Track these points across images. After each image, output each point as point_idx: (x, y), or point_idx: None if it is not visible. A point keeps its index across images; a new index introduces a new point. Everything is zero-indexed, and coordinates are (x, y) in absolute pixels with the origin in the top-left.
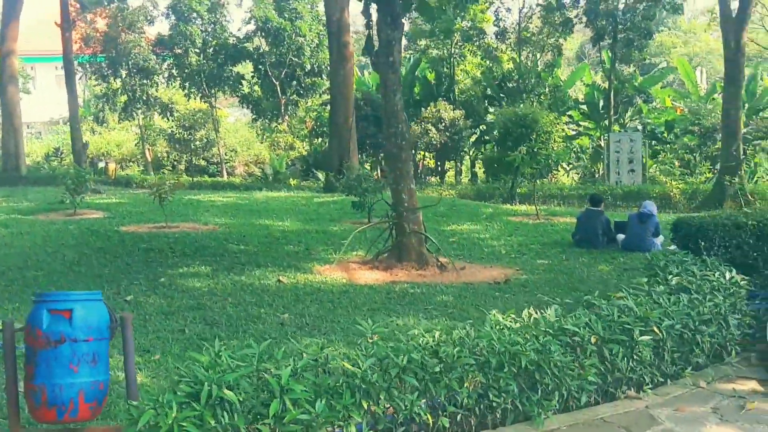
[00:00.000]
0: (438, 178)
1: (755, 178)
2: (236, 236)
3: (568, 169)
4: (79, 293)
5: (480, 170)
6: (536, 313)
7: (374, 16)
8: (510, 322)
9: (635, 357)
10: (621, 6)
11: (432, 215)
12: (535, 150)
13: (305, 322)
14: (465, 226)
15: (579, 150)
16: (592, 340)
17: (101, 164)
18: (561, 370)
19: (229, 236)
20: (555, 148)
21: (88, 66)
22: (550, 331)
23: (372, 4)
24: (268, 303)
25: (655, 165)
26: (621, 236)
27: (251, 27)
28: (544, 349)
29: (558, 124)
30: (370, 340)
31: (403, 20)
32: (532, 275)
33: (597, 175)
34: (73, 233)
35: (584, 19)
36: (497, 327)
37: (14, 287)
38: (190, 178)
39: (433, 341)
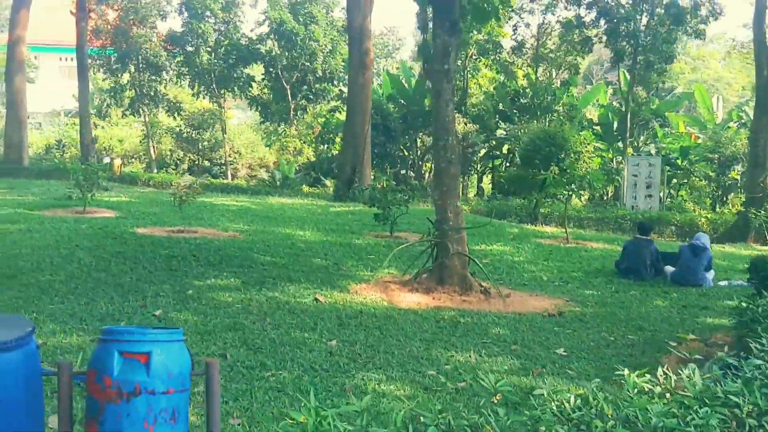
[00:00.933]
0: None
1: None
2: (260, 246)
3: (576, 190)
4: (158, 331)
5: (487, 185)
6: (672, 373)
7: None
8: (646, 383)
9: None
10: (642, 27)
11: None
12: (566, 170)
13: (356, 352)
14: (495, 247)
15: (614, 172)
16: (745, 410)
17: (106, 160)
18: None
19: (253, 245)
20: (587, 169)
21: (96, 59)
22: (707, 400)
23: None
24: (311, 327)
25: (667, 190)
26: (670, 268)
27: (265, 29)
28: (704, 424)
29: (589, 144)
30: (495, 400)
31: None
32: (585, 308)
33: (605, 198)
34: (86, 234)
35: (604, 38)
36: (634, 389)
37: (29, 293)
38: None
39: (570, 408)
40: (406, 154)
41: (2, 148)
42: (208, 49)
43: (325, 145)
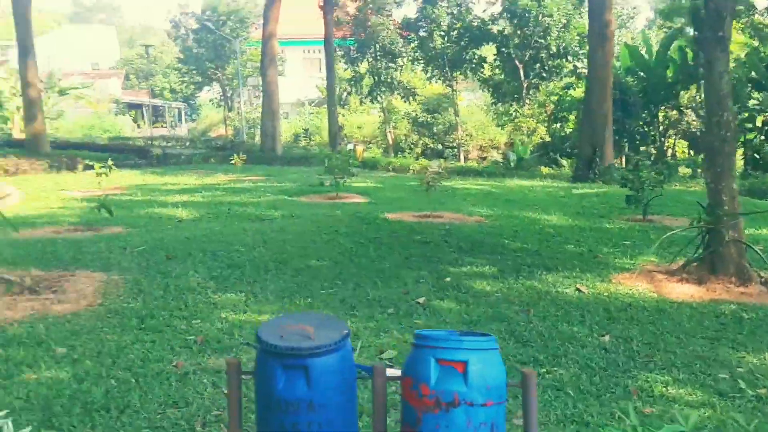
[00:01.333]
0: (690, 169)
1: None
2: (508, 231)
3: None
4: (474, 339)
5: (738, 160)
6: None
7: None
8: None
9: None
10: None
11: None
12: None
13: (633, 349)
14: (765, 231)
15: None
16: None
17: (350, 146)
18: None
19: (501, 230)
20: None
21: (337, 49)
22: None
23: None
24: (578, 320)
25: None
26: None
27: (497, 8)
28: None
29: None
30: None
31: None
32: None
33: None
34: (342, 219)
35: None
36: None
37: (302, 278)
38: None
39: None
40: (647, 130)
41: (259, 137)
42: (441, 32)
43: (558, 124)
